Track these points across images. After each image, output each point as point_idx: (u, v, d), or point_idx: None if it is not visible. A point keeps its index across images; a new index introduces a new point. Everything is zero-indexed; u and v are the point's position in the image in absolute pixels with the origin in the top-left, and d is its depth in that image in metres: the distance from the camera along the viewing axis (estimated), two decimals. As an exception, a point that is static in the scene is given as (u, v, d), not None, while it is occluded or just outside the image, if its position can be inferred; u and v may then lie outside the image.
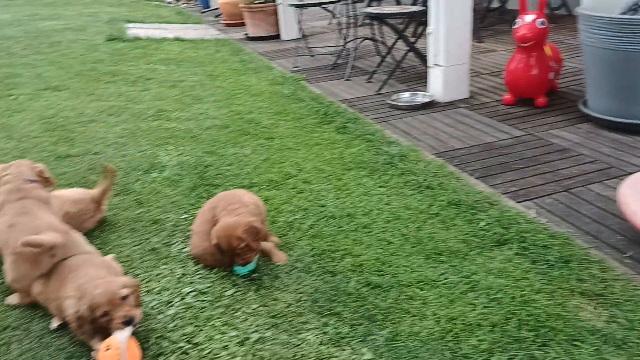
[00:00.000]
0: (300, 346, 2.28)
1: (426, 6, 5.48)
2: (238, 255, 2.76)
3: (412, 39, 6.15)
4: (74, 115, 5.33)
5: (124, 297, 2.28)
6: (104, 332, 2.26)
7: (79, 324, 2.24)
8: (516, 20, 4.79)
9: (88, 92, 6.16)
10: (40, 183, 2.88)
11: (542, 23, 4.66)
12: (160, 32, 10.00)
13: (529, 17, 4.69)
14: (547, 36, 4.83)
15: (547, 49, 4.90)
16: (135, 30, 10.18)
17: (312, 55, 7.92)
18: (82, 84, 6.52)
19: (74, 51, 8.34)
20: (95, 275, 2.41)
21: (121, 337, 2.17)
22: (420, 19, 7.00)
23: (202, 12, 13.50)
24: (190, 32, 10.34)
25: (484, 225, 3.09)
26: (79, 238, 2.76)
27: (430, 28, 5.37)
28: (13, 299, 2.67)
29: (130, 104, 5.72)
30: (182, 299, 2.64)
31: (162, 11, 13.31)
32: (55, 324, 2.47)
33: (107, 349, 2.12)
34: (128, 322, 2.23)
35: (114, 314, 2.24)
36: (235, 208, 2.84)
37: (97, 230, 3.27)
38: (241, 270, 2.77)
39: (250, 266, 2.79)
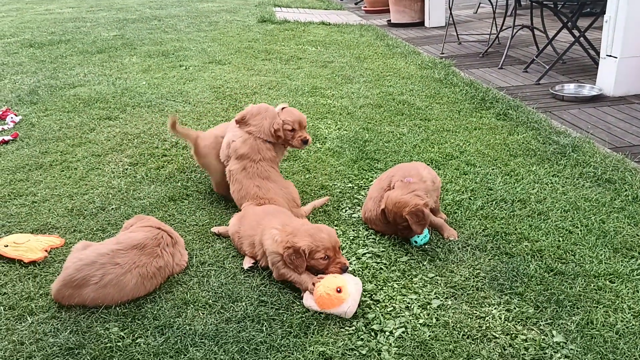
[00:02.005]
0: (485, 319, 2.27)
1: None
2: (399, 229, 2.83)
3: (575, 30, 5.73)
4: (239, 87, 5.75)
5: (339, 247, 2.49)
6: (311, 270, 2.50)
7: (296, 257, 2.43)
8: None
9: (247, 67, 6.60)
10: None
11: None
12: (305, 16, 10.38)
13: None
14: None
15: None
16: (282, 13, 10.67)
17: (460, 43, 7.72)
18: (242, 59, 6.99)
19: (231, 30, 8.96)
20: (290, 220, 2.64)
21: (350, 282, 2.36)
22: (590, 8, 6.52)
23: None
24: (333, 17, 10.60)
25: (681, 226, 2.83)
26: None
27: (606, 16, 4.97)
28: (217, 229, 3.03)
29: (287, 80, 6.03)
30: (358, 258, 2.76)
31: (304, -3, 13.77)
32: (247, 264, 2.72)
33: (339, 291, 2.29)
34: (345, 268, 2.41)
35: (332, 259, 2.43)
36: (412, 182, 2.88)
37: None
38: (418, 241, 2.81)
39: (426, 238, 2.83)
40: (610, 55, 4.99)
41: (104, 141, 4.38)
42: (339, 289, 2.28)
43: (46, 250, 2.89)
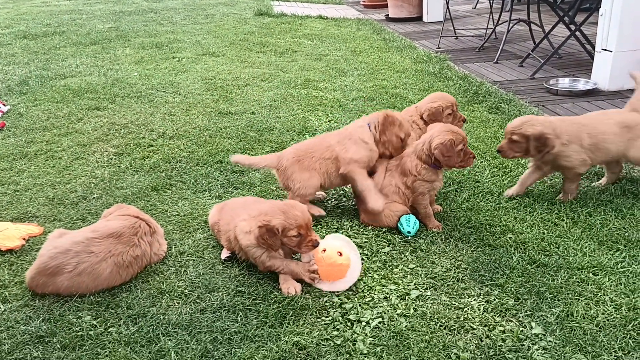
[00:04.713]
0: (463, 310, 2.23)
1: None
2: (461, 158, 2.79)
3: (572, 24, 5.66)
4: (231, 79, 5.70)
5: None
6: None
7: (269, 236, 2.38)
8: None
9: (241, 60, 6.55)
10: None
11: None
12: (303, 10, 10.32)
13: None
14: None
15: None
16: (280, 7, 10.61)
17: (457, 38, 7.66)
18: (236, 52, 6.94)
19: (227, 23, 8.90)
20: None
21: (344, 244, 2.49)
22: (589, 3, 6.47)
23: (341, -6, 13.67)
24: (331, 11, 10.53)
25: (668, 220, 2.77)
26: None
27: (602, 9, 4.91)
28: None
29: (280, 72, 5.98)
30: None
31: (303, -9, 13.69)
32: (224, 255, 2.67)
33: (324, 251, 2.44)
34: (317, 245, 2.40)
35: (305, 237, 2.40)
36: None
37: (259, 181, 3.47)
38: (411, 232, 2.77)
39: (417, 225, 2.80)
40: (605, 49, 4.93)
41: (91, 131, 4.34)
42: (340, 253, 2.41)
43: (24, 239, 2.85)
